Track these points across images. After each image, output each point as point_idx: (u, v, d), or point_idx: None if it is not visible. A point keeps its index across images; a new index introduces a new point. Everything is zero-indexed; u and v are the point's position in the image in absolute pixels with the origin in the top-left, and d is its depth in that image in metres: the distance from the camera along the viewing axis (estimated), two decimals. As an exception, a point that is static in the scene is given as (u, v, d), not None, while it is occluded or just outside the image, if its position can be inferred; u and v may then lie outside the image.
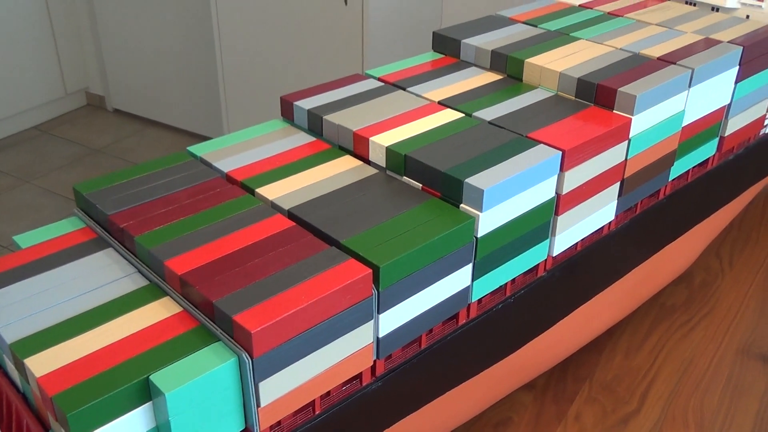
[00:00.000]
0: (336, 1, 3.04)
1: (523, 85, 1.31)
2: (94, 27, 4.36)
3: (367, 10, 2.98)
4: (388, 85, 1.31)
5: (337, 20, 3.08)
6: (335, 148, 1.17)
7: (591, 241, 1.27)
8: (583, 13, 1.56)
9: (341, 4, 3.03)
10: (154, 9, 4.04)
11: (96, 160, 4.09)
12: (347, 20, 3.05)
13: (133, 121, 4.50)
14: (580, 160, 1.13)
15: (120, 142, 4.28)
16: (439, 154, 1.08)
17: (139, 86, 4.38)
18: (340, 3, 3.03)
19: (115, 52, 4.36)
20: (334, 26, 3.10)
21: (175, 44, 4.07)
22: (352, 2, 3.00)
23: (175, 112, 4.31)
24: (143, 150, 4.17)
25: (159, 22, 4.06)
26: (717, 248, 1.81)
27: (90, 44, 4.46)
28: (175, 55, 4.10)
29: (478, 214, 1.01)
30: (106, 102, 4.61)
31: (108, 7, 4.23)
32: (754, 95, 1.51)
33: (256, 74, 3.44)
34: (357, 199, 1.03)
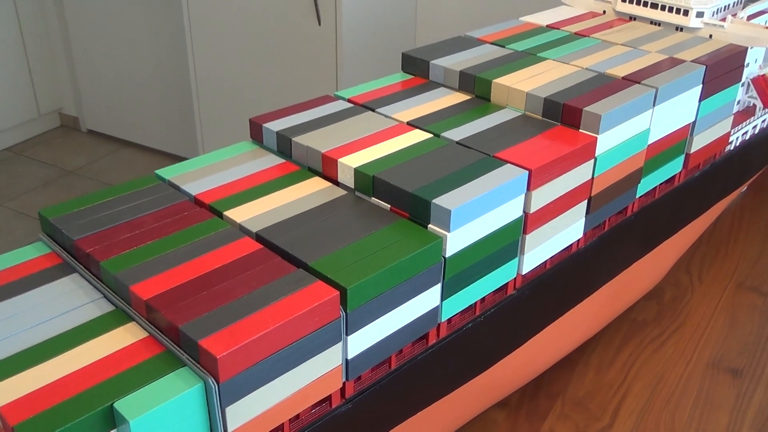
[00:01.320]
0: (309, 21, 3.05)
1: (491, 105, 1.32)
2: (68, 47, 4.34)
3: (340, 30, 3.00)
4: (357, 106, 1.32)
5: (311, 40, 3.09)
6: (304, 170, 1.17)
7: (560, 258, 1.28)
8: (550, 34, 1.58)
9: (315, 24, 3.04)
10: (128, 29, 4.03)
11: (69, 181, 4.06)
12: (321, 40, 3.06)
13: (108, 142, 4.47)
14: (547, 179, 1.14)
15: (94, 163, 4.25)
16: (407, 174, 1.08)
17: (113, 107, 4.35)
18: (313, 23, 3.05)
19: (89, 73, 4.34)
20: (308, 46, 3.11)
21: (150, 64, 4.06)
22: (325, 22, 3.02)
23: (149, 132, 4.29)
24: (118, 171, 4.15)
25: (133, 43, 4.05)
26: (686, 263, 1.83)
27: (64, 65, 4.43)
28: (150, 76, 4.09)
29: (445, 234, 1.01)
30: (80, 123, 4.57)
31: (82, 27, 4.22)
32: (718, 113, 1.53)
33: (231, 94, 3.43)
34: (325, 221, 1.03)
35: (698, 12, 1.58)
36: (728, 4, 1.65)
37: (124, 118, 4.35)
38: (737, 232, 1.97)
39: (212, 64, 3.40)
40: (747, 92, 1.72)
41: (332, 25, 3.00)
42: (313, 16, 3.03)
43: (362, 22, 3.09)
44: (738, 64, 1.54)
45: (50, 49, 4.40)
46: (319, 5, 2.99)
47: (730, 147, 1.68)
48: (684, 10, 1.59)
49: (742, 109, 1.75)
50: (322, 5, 2.99)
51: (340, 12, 2.96)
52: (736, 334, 1.60)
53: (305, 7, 3.03)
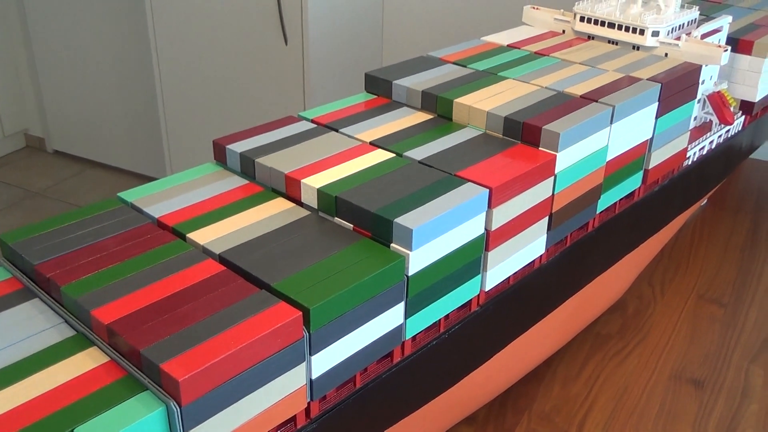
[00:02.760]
0: (276, 41, 3.07)
1: (453, 125, 1.34)
2: (33, 67, 4.30)
3: (307, 50, 3.01)
4: (320, 126, 1.33)
5: (278, 60, 3.10)
6: (268, 191, 1.18)
7: (523, 274, 1.30)
8: (511, 53, 1.60)
9: (281, 44, 3.06)
10: (94, 48, 4.01)
11: (36, 203, 4.01)
12: (288, 60, 3.07)
13: (74, 162, 4.43)
14: (508, 197, 1.16)
15: (60, 184, 4.21)
16: (370, 194, 1.09)
17: (79, 127, 4.32)
18: (280, 43, 3.06)
19: (55, 93, 4.30)
20: (275, 66, 3.12)
21: (116, 84, 4.03)
22: (292, 42, 3.03)
23: (116, 152, 4.26)
24: (84, 192, 4.11)
25: (99, 63, 4.03)
26: (649, 277, 1.86)
27: (28, 85, 4.39)
28: (116, 95, 4.07)
29: (408, 253, 1.02)
30: (46, 143, 4.53)
31: (47, 47, 4.18)
32: (675, 129, 1.57)
33: (198, 113, 3.43)
34: (289, 242, 1.04)
35: (653, 31, 1.62)
36: (683, 23, 1.69)
37: (90, 139, 4.31)
38: (698, 246, 2.01)
39: (179, 83, 3.40)
40: (703, 108, 1.77)
41: (299, 44, 3.02)
42: (279, 36, 3.04)
43: (329, 41, 3.11)
44: (693, 81, 1.58)
45: (15, 69, 4.35)
46: (285, 25, 3.00)
47: (687, 162, 1.71)
48: (640, 29, 1.63)
49: (699, 124, 1.79)
50: (289, 25, 3.00)
51: (306, 31, 2.98)
52: (698, 346, 1.63)
53: (272, 27, 3.05)
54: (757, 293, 1.82)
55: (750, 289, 1.83)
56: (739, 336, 1.66)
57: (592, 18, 1.70)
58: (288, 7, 2.97)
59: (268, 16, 3.03)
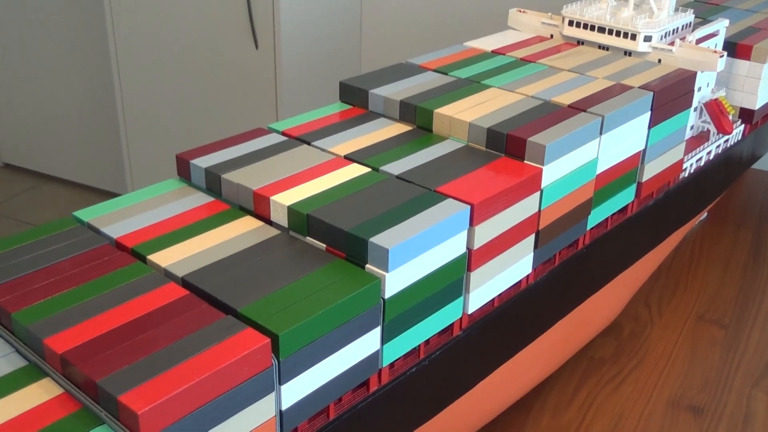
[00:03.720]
0: (246, 45, 3.09)
1: (433, 136, 1.37)
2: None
3: (279, 55, 3.04)
4: (291, 139, 1.35)
5: (248, 66, 3.12)
6: (235, 209, 1.20)
7: (509, 296, 1.32)
8: (495, 60, 1.64)
9: (251, 48, 3.08)
10: (49, 55, 4.01)
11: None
12: (259, 66, 3.10)
13: (27, 176, 4.42)
14: (491, 213, 1.19)
15: (12, 200, 4.19)
16: (343, 212, 1.11)
17: (33, 138, 4.31)
18: (250, 47, 3.08)
19: (7, 103, 4.29)
20: (245, 72, 3.14)
21: (73, 92, 4.04)
22: (263, 46, 3.06)
23: (73, 166, 4.26)
24: (38, 209, 4.09)
25: (54, 69, 4.03)
26: (645, 296, 1.89)
27: (-23, 94, 4.38)
28: (73, 105, 4.07)
29: (384, 275, 1.04)
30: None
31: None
32: (669, 140, 1.61)
33: (162, 124, 3.44)
34: (257, 263, 1.06)
35: (646, 36, 1.66)
36: (677, 28, 1.73)
37: (45, 151, 4.31)
38: (697, 262, 2.05)
39: (141, 92, 3.41)
40: (700, 117, 1.81)
41: (270, 48, 3.05)
42: (249, 40, 3.07)
43: (303, 45, 3.13)
44: (688, 89, 1.62)
45: (-38, 76, 4.35)
46: (255, 27, 3.03)
47: (684, 174, 1.75)
48: (632, 34, 1.67)
49: (696, 134, 1.83)
50: (260, 27, 3.03)
51: (278, 34, 3.01)
52: (697, 370, 1.66)
53: (241, 30, 3.07)
54: (760, 313, 1.86)
55: (753, 309, 1.87)
56: (741, 359, 1.69)
57: (582, 22, 1.74)
58: (259, 8, 3.00)
59: (238, 18, 3.05)
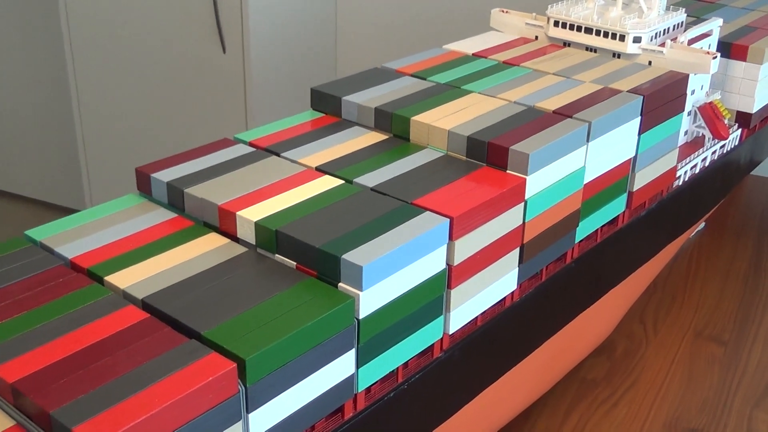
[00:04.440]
0: (212, 48, 3.10)
1: (410, 146, 1.39)
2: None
3: (249, 59, 3.05)
4: (259, 150, 1.36)
5: (215, 71, 3.13)
6: (199, 226, 1.21)
7: (492, 314, 1.34)
8: (476, 63, 1.66)
9: (218, 51, 3.09)
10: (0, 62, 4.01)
11: (-70, 241, 3.96)
12: (227, 71, 3.11)
13: (-24, 192, 4.40)
14: (472, 227, 1.20)
15: (-40, 218, 4.17)
16: (315, 227, 1.13)
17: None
18: (217, 51, 3.09)
19: (-47, 113, 4.28)
20: (212, 78, 3.15)
21: (25, 100, 4.02)
22: (231, 49, 3.07)
23: (27, 180, 4.24)
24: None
25: (5, 75, 4.02)
26: (640, 313, 1.92)
27: None
28: (26, 113, 4.05)
29: (357, 294, 1.05)
30: (-57, 171, 4.49)
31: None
32: (661, 146, 1.64)
33: (123, 135, 3.44)
34: (222, 283, 1.07)
35: (635, 37, 1.69)
36: (668, 28, 1.77)
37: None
38: (694, 276, 2.08)
39: (99, 99, 3.41)
40: (694, 122, 1.84)
41: (239, 52, 3.06)
42: (216, 43, 3.08)
43: (274, 49, 3.15)
44: (679, 92, 1.65)
45: None
46: (222, 29, 3.04)
47: (678, 182, 1.78)
48: (620, 35, 1.70)
49: (691, 140, 1.86)
50: (227, 29, 3.04)
51: (247, 37, 3.02)
52: (695, 390, 1.68)
53: (207, 33, 3.08)
54: (761, 328, 1.88)
55: (753, 324, 1.90)
56: (741, 378, 1.72)
57: (568, 23, 1.77)
58: (226, 9, 3.01)
59: (203, 20, 3.07)
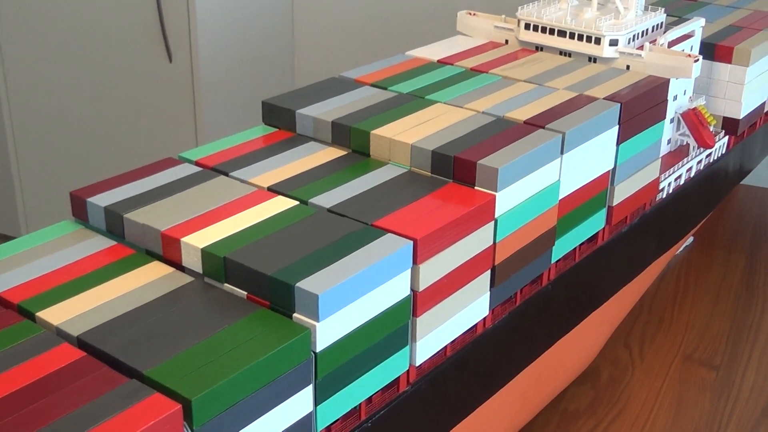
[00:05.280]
0: (158, 57, 3.09)
1: (371, 162, 1.40)
2: None
3: (197, 68, 3.05)
4: (206, 170, 1.37)
5: (161, 82, 3.12)
6: (141, 254, 1.21)
7: (463, 343, 1.35)
8: (441, 71, 1.68)
9: (164, 61, 3.09)
10: None
11: None
12: (174, 82, 3.10)
13: None
14: (438, 249, 1.22)
15: None
16: (267, 254, 1.13)
17: None
18: (162, 60, 3.09)
19: None
20: (158, 90, 3.15)
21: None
22: (178, 58, 3.07)
23: (-45, 205, 4.20)
24: None
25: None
26: (625, 336, 1.94)
27: None
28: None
29: (314, 325, 1.06)
30: None
31: None
32: (642, 156, 1.66)
33: (59, 153, 3.42)
34: (166, 317, 1.07)
35: (612, 40, 1.72)
36: (646, 29, 1.80)
37: None
38: (683, 294, 2.11)
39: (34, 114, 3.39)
40: (678, 130, 1.87)
41: (186, 61, 3.06)
42: (161, 50, 3.07)
43: (226, 57, 3.15)
44: (660, 98, 1.68)
45: None
46: (168, 35, 3.04)
47: (662, 195, 1.81)
48: (596, 38, 1.73)
49: (674, 149, 1.89)
50: (173, 35, 3.04)
51: (195, 44, 3.02)
52: (685, 419, 1.70)
53: (151, 39, 3.08)
54: (755, 350, 1.91)
55: (746, 346, 1.93)
56: (734, 405, 1.74)
57: (539, 25, 1.79)
58: (171, 12, 3.01)
59: (147, 25, 3.06)
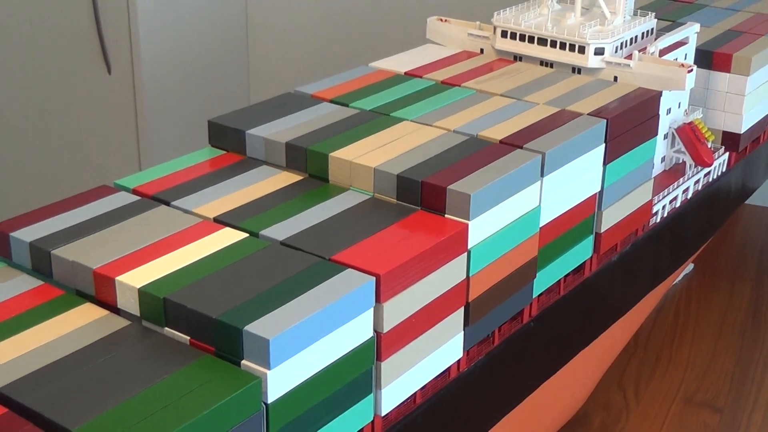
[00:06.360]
0: (96, 69, 3.08)
1: (330, 188, 1.41)
2: None
3: (139, 81, 3.04)
4: (144, 199, 1.37)
5: (99, 97, 3.11)
6: (70, 295, 1.20)
7: (435, 389, 1.35)
8: (409, 84, 1.70)
9: (103, 73, 3.08)
10: None
11: None
12: (113, 96, 3.09)
13: None
14: (404, 285, 1.22)
15: None
16: (212, 294, 1.13)
17: None
18: (101, 72, 3.08)
19: None
20: (95, 106, 3.14)
21: None
22: (117, 69, 3.06)
23: None
24: None
25: None
26: (619, 377, 1.95)
27: None
28: None
29: (265, 373, 1.06)
30: None
31: None
32: (632, 177, 1.68)
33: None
34: (99, 366, 1.06)
35: (597, 48, 1.74)
36: (635, 36, 1.83)
37: None
38: (683, 329, 2.12)
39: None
40: (672, 146, 1.90)
41: (128, 73, 3.05)
42: (99, 60, 3.07)
43: (172, 70, 3.14)
44: (651, 113, 1.70)
45: None
46: (107, 45, 3.03)
47: (655, 219, 1.83)
48: (579, 46, 1.75)
49: (669, 168, 1.92)
50: (112, 45, 3.03)
51: (137, 54, 3.02)
52: (685, 469, 1.72)
53: (87, 48, 3.07)
54: (762, 390, 1.93)
55: (753, 386, 1.94)
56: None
57: (518, 33, 1.81)
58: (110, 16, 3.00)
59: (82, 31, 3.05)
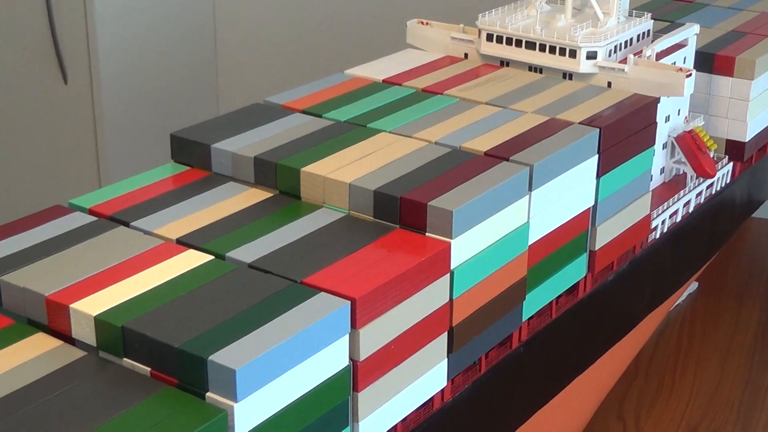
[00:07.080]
0: (51, 78, 3.08)
1: (301, 206, 1.41)
2: None
3: (98, 91, 3.04)
4: (102, 219, 1.37)
5: (55, 108, 3.11)
6: (21, 324, 1.20)
7: (417, 421, 1.35)
8: (387, 93, 1.70)
9: (59, 82, 3.08)
10: None
11: None
12: (70, 108, 3.09)
13: None
14: (382, 310, 1.23)
15: None
16: (174, 321, 1.13)
17: None
18: (56, 82, 3.08)
19: None
20: (49, 118, 3.13)
21: None
22: (74, 78, 3.05)
23: None
24: None
25: None
26: (618, 406, 1.95)
27: None
28: None
29: (231, 406, 1.06)
30: None
31: None
32: (628, 190, 1.69)
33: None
34: (52, 401, 1.06)
35: (589, 53, 1.76)
36: (630, 39, 1.84)
37: None
38: (686, 353, 2.13)
39: None
40: (672, 156, 1.91)
41: (85, 83, 3.05)
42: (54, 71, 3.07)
43: (133, 79, 3.14)
44: (648, 121, 1.71)
45: None
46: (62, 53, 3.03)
47: (655, 234, 1.84)
48: (570, 50, 1.76)
49: (669, 179, 1.93)
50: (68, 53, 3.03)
51: (95, 63, 3.02)
52: (690, 505, 1.72)
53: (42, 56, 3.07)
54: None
55: (762, 413, 1.95)
56: (748, 484, 1.77)
57: (504, 36, 1.83)
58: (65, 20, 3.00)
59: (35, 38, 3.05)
